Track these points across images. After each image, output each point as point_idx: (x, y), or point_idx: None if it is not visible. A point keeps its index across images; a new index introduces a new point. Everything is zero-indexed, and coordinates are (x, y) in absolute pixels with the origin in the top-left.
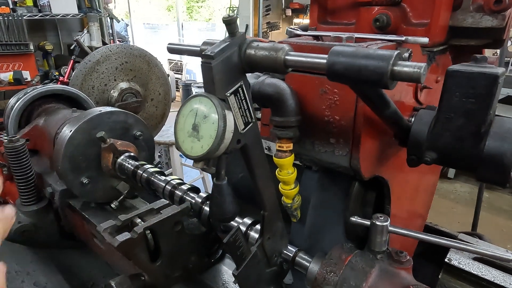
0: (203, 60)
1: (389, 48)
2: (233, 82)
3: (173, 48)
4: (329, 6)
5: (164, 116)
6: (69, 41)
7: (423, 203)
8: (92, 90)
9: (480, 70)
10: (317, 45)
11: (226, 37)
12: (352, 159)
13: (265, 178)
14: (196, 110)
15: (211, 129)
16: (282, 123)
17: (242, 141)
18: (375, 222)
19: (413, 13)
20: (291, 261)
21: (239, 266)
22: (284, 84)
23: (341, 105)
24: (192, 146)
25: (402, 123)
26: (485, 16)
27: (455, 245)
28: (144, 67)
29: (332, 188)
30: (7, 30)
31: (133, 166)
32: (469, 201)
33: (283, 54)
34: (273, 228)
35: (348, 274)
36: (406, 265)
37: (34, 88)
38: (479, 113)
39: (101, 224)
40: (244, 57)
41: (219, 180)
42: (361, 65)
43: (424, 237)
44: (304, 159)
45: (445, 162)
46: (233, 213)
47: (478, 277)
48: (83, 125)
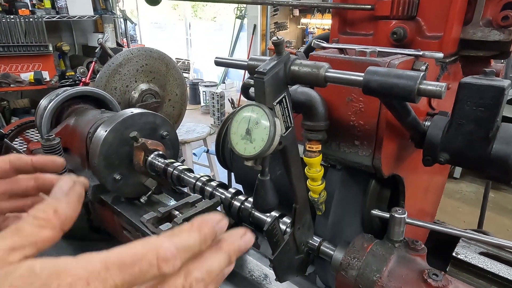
0: (256, 76)
1: (408, 62)
2: (279, 93)
3: (220, 62)
4: (349, 18)
5: (180, 116)
6: (83, 41)
7: (432, 202)
8: (114, 91)
9: (488, 83)
10: (349, 60)
11: (274, 56)
12: (374, 159)
13: (299, 175)
14: (249, 117)
15: (263, 133)
16: (313, 127)
17: (283, 143)
18: (394, 215)
19: (427, 27)
20: (317, 249)
21: (274, 251)
22: (314, 93)
23: (365, 111)
24: (246, 147)
25: (419, 128)
26: (494, 30)
27: (466, 234)
28: (163, 69)
29: (353, 185)
30: (28, 31)
31: (164, 164)
32: (475, 201)
33: (324, 71)
34: (302, 220)
35: (370, 260)
36: (421, 252)
37: (65, 90)
38: (488, 120)
39: (144, 216)
40: (288, 72)
41: (263, 176)
42: (393, 84)
43: (437, 228)
44: (330, 159)
45: (457, 162)
46: (274, 204)
47: (484, 270)
48: (117, 125)
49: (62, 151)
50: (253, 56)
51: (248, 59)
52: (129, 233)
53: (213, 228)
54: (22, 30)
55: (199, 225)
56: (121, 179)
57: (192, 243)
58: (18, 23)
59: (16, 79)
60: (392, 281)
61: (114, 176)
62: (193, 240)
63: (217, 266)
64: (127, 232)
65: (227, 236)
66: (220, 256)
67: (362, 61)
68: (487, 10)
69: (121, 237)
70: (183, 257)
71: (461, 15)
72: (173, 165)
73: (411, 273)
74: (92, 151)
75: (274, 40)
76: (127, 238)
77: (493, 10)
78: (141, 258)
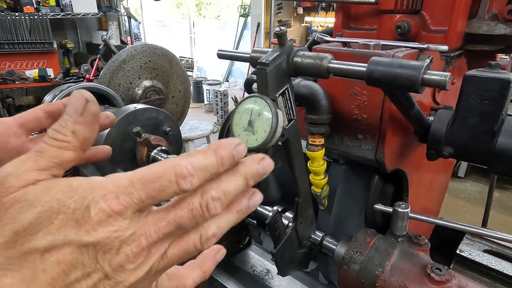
0: (258, 67)
1: (412, 55)
2: (282, 85)
3: (223, 54)
4: (352, 13)
5: (183, 113)
6: (87, 39)
7: (436, 200)
8: (118, 88)
9: (494, 76)
10: (352, 52)
11: (276, 47)
12: (377, 153)
13: (301, 168)
14: (251, 109)
15: (265, 124)
16: (316, 121)
17: (286, 135)
18: (397, 209)
19: (432, 21)
20: (319, 244)
21: (276, 245)
22: (317, 86)
23: (369, 105)
24: (248, 139)
25: (423, 121)
26: (499, 24)
27: (468, 229)
28: (166, 65)
29: (356, 180)
30: (32, 29)
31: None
32: (479, 200)
33: (327, 62)
34: (304, 214)
35: (373, 254)
36: (424, 247)
37: (69, 86)
38: (493, 113)
39: None
40: (291, 64)
41: None
42: (396, 73)
43: (441, 222)
44: (333, 153)
45: (461, 156)
46: (276, 197)
47: (488, 267)
48: (120, 120)
49: None
50: (256, 48)
51: (251, 51)
52: None
53: (230, 151)
54: (27, 28)
55: (215, 148)
56: None
57: (210, 163)
58: (23, 20)
59: (21, 76)
60: (394, 275)
61: (117, 171)
62: (210, 161)
63: (233, 187)
64: None
65: (244, 160)
66: (237, 178)
67: (366, 53)
68: (492, 3)
69: None
70: (200, 176)
71: (466, 8)
72: None
73: (414, 268)
74: (95, 146)
75: (277, 31)
76: None
77: (499, 3)
78: (161, 175)
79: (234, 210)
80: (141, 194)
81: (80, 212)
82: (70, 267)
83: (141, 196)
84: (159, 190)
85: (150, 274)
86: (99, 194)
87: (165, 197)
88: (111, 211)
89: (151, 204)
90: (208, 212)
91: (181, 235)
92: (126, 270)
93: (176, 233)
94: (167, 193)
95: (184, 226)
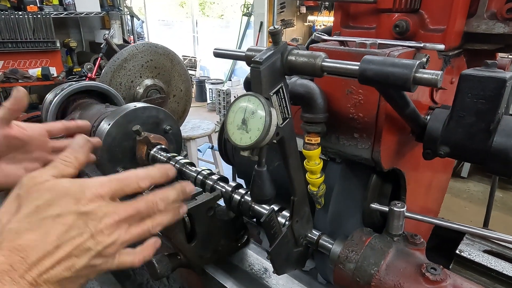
0: (252, 65)
1: (408, 54)
2: (276, 84)
3: (219, 53)
4: (351, 11)
5: (185, 111)
6: (90, 38)
7: (435, 198)
8: (119, 86)
9: (490, 75)
10: (348, 51)
11: (271, 46)
12: (373, 152)
13: (296, 167)
14: (245, 107)
15: (258, 123)
16: (312, 119)
17: (280, 134)
18: (393, 208)
19: (431, 20)
20: (315, 243)
21: (272, 244)
22: (313, 85)
23: (365, 104)
24: (241, 137)
25: (419, 120)
26: (498, 23)
27: (465, 229)
28: (168, 64)
29: (353, 179)
30: (36, 28)
31: (166, 157)
32: (482, 201)
33: (321, 61)
34: (300, 212)
35: (368, 253)
36: (420, 246)
37: (70, 85)
38: (489, 112)
39: None
40: (285, 62)
41: (260, 167)
42: (389, 72)
43: (437, 222)
44: (330, 152)
45: (457, 156)
46: (271, 195)
47: (488, 268)
48: (120, 119)
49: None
50: (251, 46)
51: (246, 50)
52: None
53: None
54: (30, 27)
55: (158, 166)
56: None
57: (155, 174)
58: (26, 19)
59: (24, 74)
60: (389, 275)
61: (117, 170)
62: (155, 173)
63: (171, 195)
64: None
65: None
66: (173, 191)
67: (361, 52)
68: (491, 2)
69: None
70: (150, 181)
71: (465, 7)
72: (175, 159)
73: (409, 267)
74: None
75: (271, 30)
76: None
77: (498, 2)
78: (128, 177)
79: (171, 212)
80: (116, 186)
81: (78, 194)
82: (70, 227)
83: (116, 187)
84: (126, 185)
85: (117, 242)
86: (90, 184)
87: (129, 191)
88: (98, 194)
89: (122, 194)
90: (156, 206)
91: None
92: (104, 234)
93: (136, 217)
94: (130, 188)
95: (141, 212)
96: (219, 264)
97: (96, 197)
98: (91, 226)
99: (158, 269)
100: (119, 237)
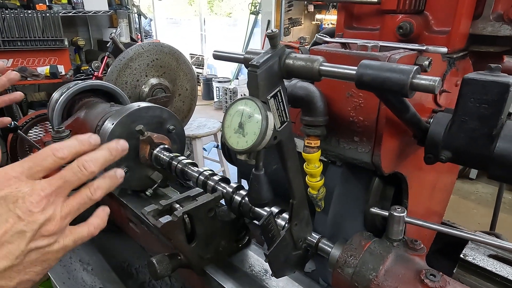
0: (249, 69)
1: (410, 57)
2: (273, 87)
3: (218, 55)
4: (355, 12)
5: (190, 110)
6: (99, 36)
7: (440, 201)
8: (125, 85)
9: (493, 79)
10: (349, 54)
11: (268, 49)
12: (373, 156)
13: (295, 170)
14: (242, 110)
15: (255, 127)
16: (312, 122)
17: (278, 138)
18: (393, 213)
19: (435, 21)
20: (315, 246)
21: (270, 246)
22: (314, 88)
23: (365, 107)
24: (238, 141)
25: (421, 125)
26: (504, 25)
27: (468, 236)
28: (173, 63)
29: (354, 182)
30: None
31: (168, 157)
32: (491, 203)
33: (318, 65)
34: (300, 215)
35: (367, 258)
36: (420, 252)
37: (76, 83)
38: (491, 117)
39: (145, 208)
40: (283, 66)
41: (258, 171)
42: (385, 77)
43: (438, 228)
44: (330, 155)
45: (459, 161)
46: (269, 199)
47: (492, 273)
48: (124, 118)
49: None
50: (249, 49)
51: (245, 52)
52: (134, 225)
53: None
54: (39, 25)
55: (76, 136)
56: (127, 171)
57: (71, 143)
58: (35, 18)
59: (32, 72)
60: (388, 280)
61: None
62: (72, 142)
63: (100, 155)
64: (133, 224)
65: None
66: (101, 150)
67: (362, 55)
68: (498, 4)
69: (127, 229)
70: (68, 150)
71: (471, 9)
72: (177, 159)
73: (408, 273)
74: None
75: (269, 33)
76: (133, 230)
77: (504, 4)
78: (42, 152)
79: (107, 177)
80: (30, 164)
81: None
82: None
83: (29, 165)
84: (42, 159)
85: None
86: (5, 170)
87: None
88: (11, 176)
89: (40, 170)
90: (85, 168)
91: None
92: (34, 212)
93: (66, 187)
94: (48, 162)
95: (69, 180)
96: (220, 265)
97: (9, 179)
98: (14, 209)
99: (158, 269)
100: (55, 211)
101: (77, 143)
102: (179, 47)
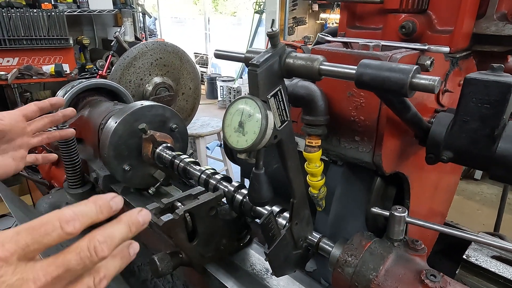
0: (250, 68)
1: (412, 56)
2: (274, 86)
3: (220, 54)
4: (358, 12)
5: (193, 109)
6: (103, 35)
7: (442, 201)
8: (129, 84)
9: (495, 79)
10: (350, 53)
11: (269, 48)
12: (374, 156)
13: (296, 169)
14: (242, 109)
15: (255, 126)
16: (313, 122)
17: (278, 137)
18: (394, 213)
19: (438, 21)
20: (315, 245)
21: (270, 246)
22: (315, 87)
23: (366, 107)
24: (238, 140)
25: (422, 124)
26: (508, 24)
27: (469, 236)
28: (177, 62)
29: (356, 182)
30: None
31: (171, 156)
32: (496, 204)
33: (318, 64)
34: (300, 215)
35: (367, 257)
36: (420, 252)
37: (80, 82)
38: (493, 117)
39: (147, 206)
40: (283, 65)
41: (258, 170)
42: (385, 77)
43: (439, 228)
44: (331, 154)
45: (460, 161)
46: (269, 198)
47: (496, 274)
48: (127, 117)
49: (75, 142)
50: (250, 48)
51: (246, 52)
52: None
53: (107, 201)
54: (45, 24)
55: (94, 199)
56: (130, 170)
57: (89, 210)
58: (40, 16)
59: (38, 71)
60: (388, 280)
61: (123, 167)
62: (89, 208)
63: (117, 232)
64: None
65: (127, 212)
66: (119, 225)
67: (363, 54)
68: (502, 3)
69: None
70: (81, 221)
71: (474, 8)
72: (180, 158)
73: (409, 273)
74: (103, 142)
75: (269, 32)
76: None
77: (508, 3)
78: (46, 221)
79: (119, 257)
80: (27, 240)
81: None
82: None
83: (26, 242)
84: (44, 234)
85: None
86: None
87: (51, 241)
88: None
89: (38, 248)
90: (96, 254)
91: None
92: None
93: (66, 277)
94: (52, 237)
95: (73, 268)
96: (221, 264)
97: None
98: None
99: (160, 267)
100: None
101: (94, 211)
102: (184, 46)
